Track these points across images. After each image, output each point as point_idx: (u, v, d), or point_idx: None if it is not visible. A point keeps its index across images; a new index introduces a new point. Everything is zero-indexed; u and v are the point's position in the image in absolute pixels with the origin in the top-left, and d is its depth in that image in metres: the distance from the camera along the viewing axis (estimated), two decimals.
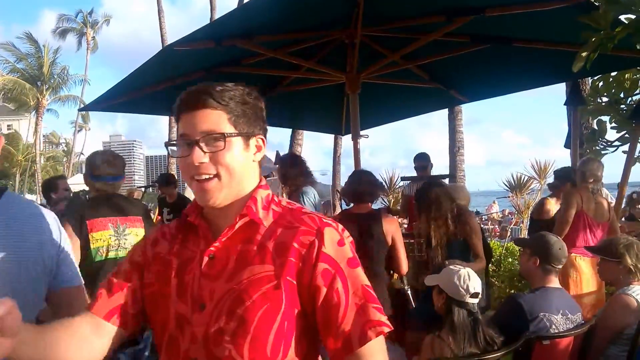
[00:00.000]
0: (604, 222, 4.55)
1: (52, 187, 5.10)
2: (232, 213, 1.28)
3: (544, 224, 5.04)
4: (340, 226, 1.28)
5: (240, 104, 1.26)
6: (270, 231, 1.26)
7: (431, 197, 3.98)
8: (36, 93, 41.28)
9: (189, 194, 8.34)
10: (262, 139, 1.32)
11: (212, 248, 1.26)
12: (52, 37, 49.86)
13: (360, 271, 1.25)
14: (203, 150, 1.22)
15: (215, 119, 1.23)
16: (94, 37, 46.56)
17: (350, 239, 1.28)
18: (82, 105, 41.28)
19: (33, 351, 1.14)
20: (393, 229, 3.67)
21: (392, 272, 3.94)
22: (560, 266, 3.04)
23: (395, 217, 4.91)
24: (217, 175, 1.24)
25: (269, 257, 1.22)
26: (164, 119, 35.43)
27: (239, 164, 1.26)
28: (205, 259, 1.26)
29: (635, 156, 5.32)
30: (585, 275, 4.32)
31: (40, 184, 30.79)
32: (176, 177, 7.93)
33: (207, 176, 1.24)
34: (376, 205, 4.13)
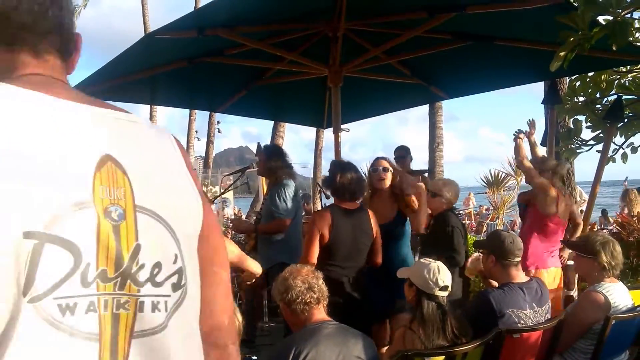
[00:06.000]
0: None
1: None
2: None
3: None
4: None
5: None
6: None
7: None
8: None
9: None
10: None
11: None
12: None
13: None
14: None
15: None
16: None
17: None
18: None
19: None
20: (374, 220, 3.70)
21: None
22: (516, 259, 3.09)
23: None
24: None
25: None
26: (144, 108, 34.98)
27: None
28: None
29: (608, 156, 5.44)
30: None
31: None
32: None
33: None
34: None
